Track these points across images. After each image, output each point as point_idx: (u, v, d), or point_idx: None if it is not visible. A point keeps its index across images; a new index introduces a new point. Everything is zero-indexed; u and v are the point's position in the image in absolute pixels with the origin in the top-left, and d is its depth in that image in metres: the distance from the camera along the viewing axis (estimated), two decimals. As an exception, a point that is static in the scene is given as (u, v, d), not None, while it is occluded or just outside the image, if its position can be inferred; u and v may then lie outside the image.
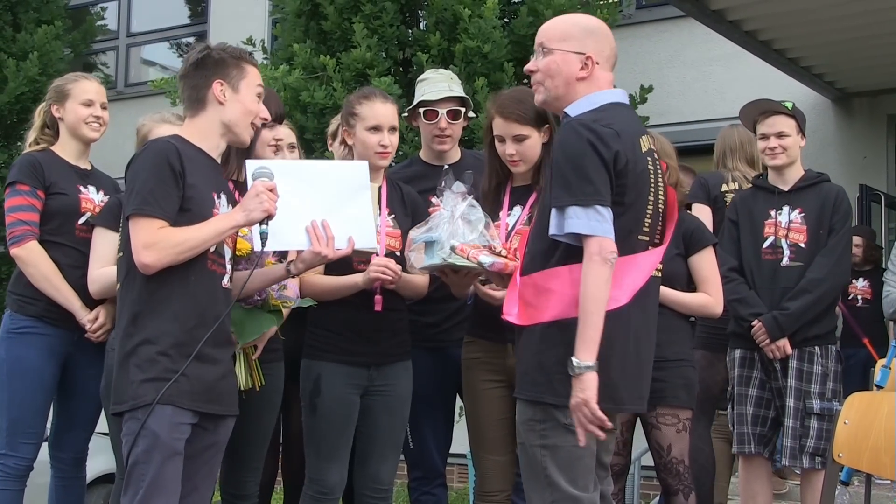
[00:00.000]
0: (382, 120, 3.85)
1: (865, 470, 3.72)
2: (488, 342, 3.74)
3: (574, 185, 2.90)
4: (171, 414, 2.95)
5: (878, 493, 5.45)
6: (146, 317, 2.99)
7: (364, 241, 3.44)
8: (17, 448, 4.08)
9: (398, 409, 3.88)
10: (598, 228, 2.87)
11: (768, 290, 4.48)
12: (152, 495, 2.92)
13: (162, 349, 2.96)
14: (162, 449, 2.93)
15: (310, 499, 3.78)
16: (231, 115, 3.18)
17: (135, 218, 2.99)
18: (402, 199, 3.97)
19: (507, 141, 3.69)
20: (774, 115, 4.56)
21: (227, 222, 3.10)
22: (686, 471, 4.17)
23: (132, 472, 2.95)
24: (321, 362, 3.78)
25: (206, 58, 3.18)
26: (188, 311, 3.01)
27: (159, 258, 2.96)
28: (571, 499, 2.95)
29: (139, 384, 2.94)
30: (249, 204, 3.11)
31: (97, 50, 12.74)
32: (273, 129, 3.75)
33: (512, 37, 7.17)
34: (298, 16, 7.70)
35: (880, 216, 8.71)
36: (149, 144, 3.12)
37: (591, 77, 3.10)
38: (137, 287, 3.01)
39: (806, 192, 4.55)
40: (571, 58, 3.09)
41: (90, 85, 4.33)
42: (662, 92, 8.63)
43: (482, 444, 3.78)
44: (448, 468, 4.38)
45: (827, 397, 4.40)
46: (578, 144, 2.93)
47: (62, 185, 4.18)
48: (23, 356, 4.09)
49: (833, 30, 7.20)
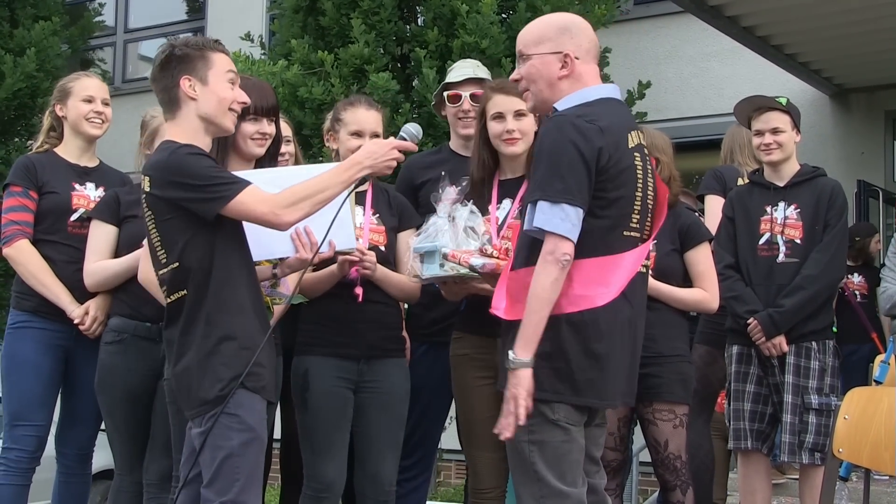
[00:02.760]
0: (364, 126, 3.92)
1: (865, 465, 3.73)
2: (478, 337, 3.75)
3: (546, 181, 2.92)
4: (260, 406, 3.04)
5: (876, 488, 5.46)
6: (218, 315, 3.02)
7: (344, 242, 3.51)
8: (18, 440, 4.10)
9: (394, 406, 3.87)
10: (559, 226, 2.88)
11: (764, 286, 4.48)
12: (249, 487, 2.99)
13: (243, 344, 3.01)
14: (258, 442, 3.02)
15: (309, 498, 3.77)
16: (206, 107, 3.14)
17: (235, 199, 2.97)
18: (389, 202, 4.01)
19: (508, 117, 3.71)
20: (769, 111, 4.55)
21: (354, 169, 3.13)
22: (683, 466, 4.17)
23: (225, 465, 2.96)
24: (309, 357, 3.80)
25: (170, 57, 3.14)
26: (248, 303, 3.07)
27: (303, 211, 3.03)
28: (559, 494, 2.95)
29: (228, 382, 2.98)
30: (378, 150, 3.16)
31: (94, 46, 12.74)
32: (258, 123, 3.66)
33: (510, 32, 7.15)
34: (296, 11, 7.70)
35: (878, 211, 8.72)
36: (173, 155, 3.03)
37: (574, 74, 3.10)
38: (207, 289, 3.02)
39: (801, 188, 4.54)
40: (549, 59, 3.10)
41: (91, 82, 4.36)
42: (660, 88, 8.64)
43: (474, 442, 3.79)
44: (446, 464, 4.39)
45: (825, 392, 4.39)
46: (559, 140, 2.94)
47: (54, 184, 4.21)
48: (19, 349, 4.15)
49: (831, 25, 7.21)
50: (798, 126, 4.59)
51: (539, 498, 2.96)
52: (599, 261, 2.98)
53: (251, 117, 3.61)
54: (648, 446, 4.24)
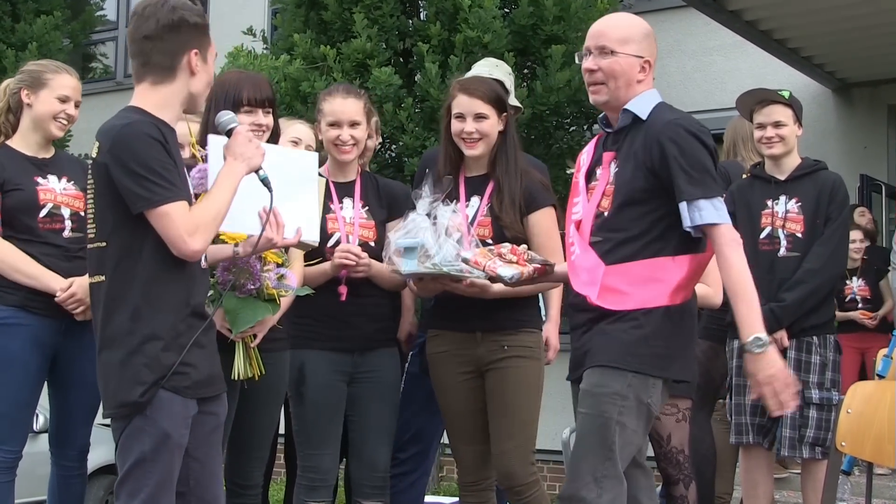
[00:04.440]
0: (340, 116, 3.92)
1: (868, 459, 3.73)
2: (456, 333, 3.78)
3: (699, 180, 3.07)
4: (181, 408, 2.87)
5: (878, 482, 5.47)
6: (146, 310, 2.84)
7: (308, 233, 3.43)
8: (6, 441, 3.97)
9: (387, 395, 3.93)
10: (725, 217, 3.09)
11: (766, 280, 4.45)
12: (160, 495, 2.86)
13: (167, 344, 2.85)
14: (171, 447, 2.85)
15: (304, 488, 3.82)
16: (198, 86, 3.00)
17: (165, 206, 2.79)
18: (378, 192, 4.03)
19: (468, 118, 3.76)
20: (771, 104, 4.54)
21: (234, 176, 2.96)
22: (686, 460, 4.17)
23: (136, 468, 2.85)
24: (305, 350, 3.83)
25: (182, 21, 2.93)
26: (182, 300, 2.90)
27: (206, 239, 2.85)
28: (619, 480, 3.04)
29: (150, 386, 2.82)
30: (245, 151, 2.99)
31: (96, 40, 12.73)
32: (253, 114, 3.62)
33: (512, 27, 7.15)
34: (298, 6, 7.68)
35: (881, 206, 8.72)
36: (128, 127, 2.85)
37: (647, 79, 3.26)
38: (133, 280, 2.84)
39: (802, 181, 4.54)
40: (633, 61, 3.22)
41: (70, 80, 4.14)
42: (663, 82, 8.57)
43: (461, 436, 3.86)
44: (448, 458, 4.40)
45: (826, 387, 4.39)
46: (688, 140, 3.10)
47: (17, 180, 3.98)
48: (5, 347, 3.92)
49: (833, 19, 7.20)
50: (800, 120, 4.58)
51: (600, 477, 3.01)
52: (699, 257, 3.20)
53: (246, 109, 3.58)
54: (651, 440, 4.24)
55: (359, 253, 3.73)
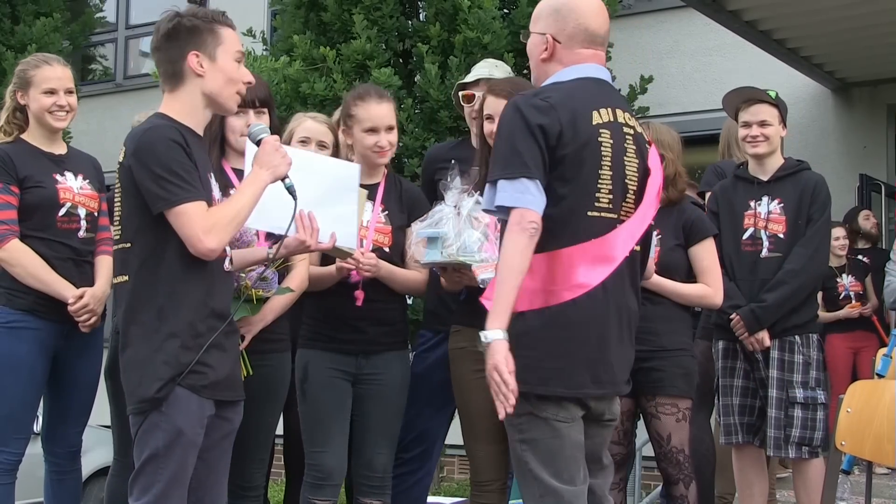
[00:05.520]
0: (378, 122, 3.89)
1: (867, 458, 3.74)
2: (475, 330, 3.76)
3: (503, 159, 2.88)
4: (196, 407, 2.92)
5: (878, 481, 5.47)
6: (169, 309, 2.90)
7: (345, 239, 3.50)
8: (10, 443, 4.00)
9: (390, 397, 3.92)
10: (520, 200, 2.83)
11: (748, 281, 4.46)
12: (171, 491, 2.90)
13: (185, 342, 2.91)
14: (185, 444, 2.90)
15: (309, 486, 3.83)
16: (212, 85, 3.03)
17: (182, 206, 2.87)
18: (400, 196, 4.01)
19: (496, 118, 3.72)
20: (758, 103, 4.53)
21: (258, 184, 3.03)
22: (686, 460, 4.18)
23: (149, 463, 2.89)
24: (310, 350, 3.85)
25: (178, 27, 3.01)
26: (200, 300, 2.96)
27: (222, 239, 2.91)
28: (555, 492, 2.90)
29: (167, 381, 2.88)
30: (272, 159, 3.06)
31: (96, 42, 12.74)
32: (246, 117, 3.61)
33: (512, 27, 7.16)
34: (298, 7, 7.69)
35: (880, 206, 8.72)
36: (150, 132, 2.94)
37: (554, 57, 3.04)
38: (157, 280, 2.91)
39: (785, 182, 4.52)
40: (537, 39, 3.07)
41: (51, 71, 4.16)
42: (662, 82, 8.63)
43: (475, 435, 3.81)
44: (449, 459, 4.40)
45: (810, 386, 4.38)
46: (509, 119, 2.91)
47: (38, 177, 4.04)
48: (14, 351, 3.98)
49: (833, 19, 7.20)
50: (785, 121, 4.58)
51: (538, 497, 2.92)
52: (569, 251, 2.90)
53: (243, 111, 3.58)
54: (651, 440, 4.25)
55: (358, 257, 3.73)
